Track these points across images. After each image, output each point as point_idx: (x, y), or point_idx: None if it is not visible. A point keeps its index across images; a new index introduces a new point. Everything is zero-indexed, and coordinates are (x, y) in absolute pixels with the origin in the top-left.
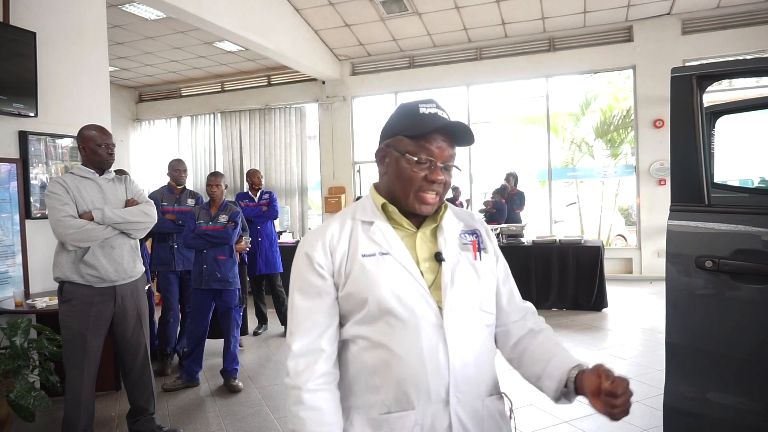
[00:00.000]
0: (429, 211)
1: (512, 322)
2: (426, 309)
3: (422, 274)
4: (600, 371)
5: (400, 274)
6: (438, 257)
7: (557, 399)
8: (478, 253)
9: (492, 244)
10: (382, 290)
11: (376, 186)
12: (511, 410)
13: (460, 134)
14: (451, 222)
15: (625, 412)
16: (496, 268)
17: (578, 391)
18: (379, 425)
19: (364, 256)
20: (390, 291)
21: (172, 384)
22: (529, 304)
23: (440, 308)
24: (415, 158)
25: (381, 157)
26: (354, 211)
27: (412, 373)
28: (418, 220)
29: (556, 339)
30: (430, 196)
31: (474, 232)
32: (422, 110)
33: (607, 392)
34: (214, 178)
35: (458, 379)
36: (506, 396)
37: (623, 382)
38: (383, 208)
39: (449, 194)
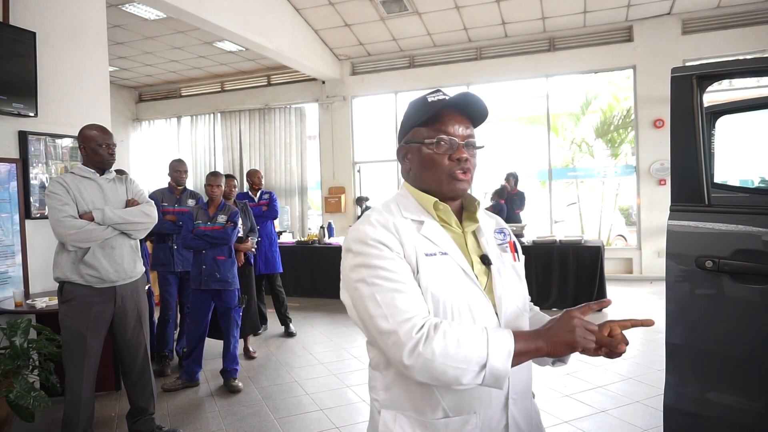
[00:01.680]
0: (464, 189)
1: None
2: (486, 313)
3: (476, 277)
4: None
5: (460, 278)
6: (485, 260)
7: (552, 361)
8: (516, 254)
9: (518, 244)
10: (446, 293)
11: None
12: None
13: (471, 109)
14: (486, 221)
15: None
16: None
17: None
18: (435, 429)
19: (427, 255)
20: (453, 294)
21: (172, 384)
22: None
23: (495, 312)
24: (433, 140)
25: (403, 155)
26: (399, 209)
27: None
28: (457, 218)
29: (543, 315)
30: (461, 174)
31: (502, 231)
32: (430, 99)
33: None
34: (214, 178)
35: (515, 380)
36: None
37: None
38: (434, 206)
39: None
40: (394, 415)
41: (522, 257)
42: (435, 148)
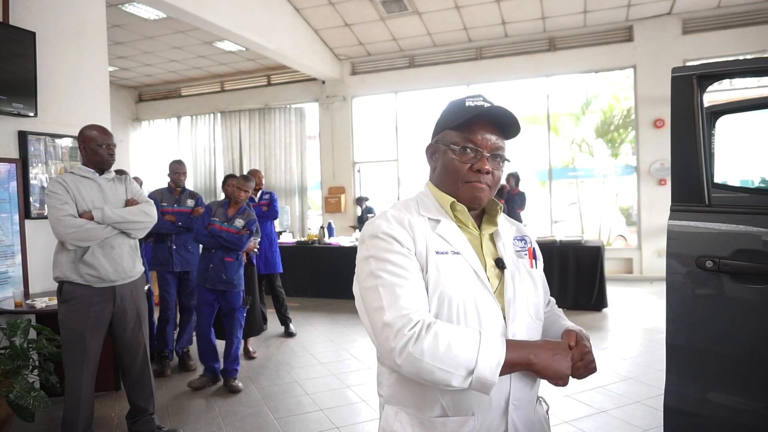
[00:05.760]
0: (480, 201)
1: None
2: (492, 316)
3: (488, 279)
4: (567, 333)
5: (471, 278)
6: (500, 264)
7: None
8: (534, 261)
9: (538, 251)
10: (454, 292)
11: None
12: (547, 413)
13: (505, 123)
14: (505, 226)
15: (589, 370)
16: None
17: None
18: (433, 427)
19: (438, 253)
20: (461, 294)
21: (198, 382)
22: (550, 298)
23: (503, 316)
24: (459, 147)
25: (431, 153)
26: (417, 208)
27: None
28: (477, 221)
29: (558, 315)
30: (479, 186)
31: (523, 239)
32: (468, 103)
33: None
34: (245, 182)
35: (517, 387)
36: (543, 400)
37: (583, 345)
38: (451, 206)
39: None
40: (396, 411)
41: (540, 264)
42: (459, 155)
